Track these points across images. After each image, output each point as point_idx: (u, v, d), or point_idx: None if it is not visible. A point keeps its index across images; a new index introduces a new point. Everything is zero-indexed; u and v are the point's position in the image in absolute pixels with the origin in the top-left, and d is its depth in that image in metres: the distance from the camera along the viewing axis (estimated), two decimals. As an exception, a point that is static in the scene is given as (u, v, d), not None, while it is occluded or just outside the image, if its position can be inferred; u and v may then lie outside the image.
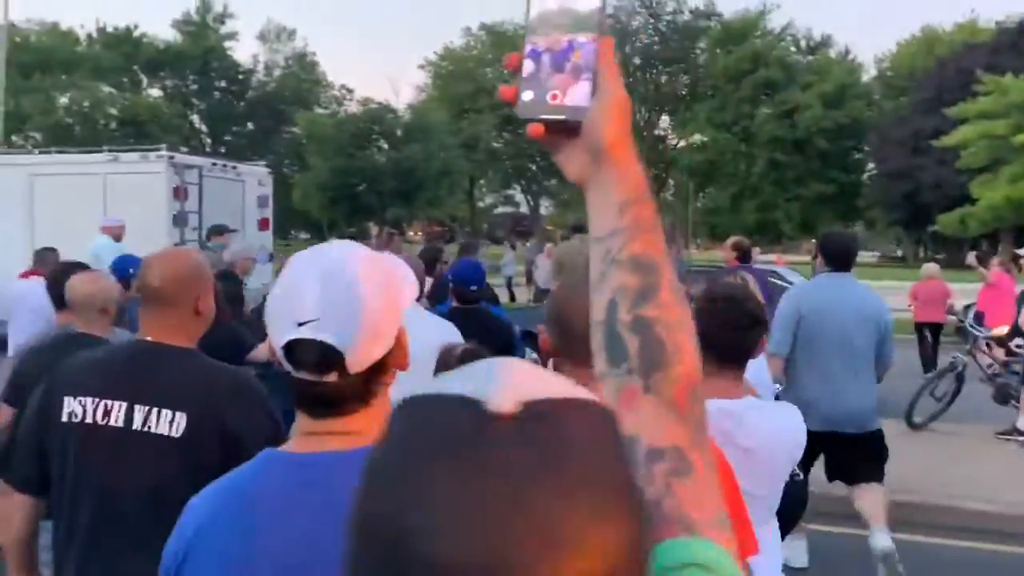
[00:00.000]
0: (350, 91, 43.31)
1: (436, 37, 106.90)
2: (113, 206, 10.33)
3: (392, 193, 31.26)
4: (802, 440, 2.07)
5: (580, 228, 10.53)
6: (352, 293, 1.12)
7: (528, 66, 0.82)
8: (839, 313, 4.38)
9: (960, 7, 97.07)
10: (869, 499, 4.45)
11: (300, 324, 1.11)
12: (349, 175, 29.24)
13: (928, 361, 10.00)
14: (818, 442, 4.08)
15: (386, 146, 30.66)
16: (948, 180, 34.41)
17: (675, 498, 0.70)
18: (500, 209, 69.40)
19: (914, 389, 7.70)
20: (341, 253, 1.18)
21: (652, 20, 52.37)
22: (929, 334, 10.28)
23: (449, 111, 51.44)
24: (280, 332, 1.13)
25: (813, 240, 22.86)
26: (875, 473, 4.52)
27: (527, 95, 0.81)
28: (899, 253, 57.45)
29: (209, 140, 46.52)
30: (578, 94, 0.80)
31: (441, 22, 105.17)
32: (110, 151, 11.48)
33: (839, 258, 4.52)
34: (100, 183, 10.81)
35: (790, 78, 47.78)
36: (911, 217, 42.21)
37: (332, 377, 1.12)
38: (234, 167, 12.41)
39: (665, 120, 55.54)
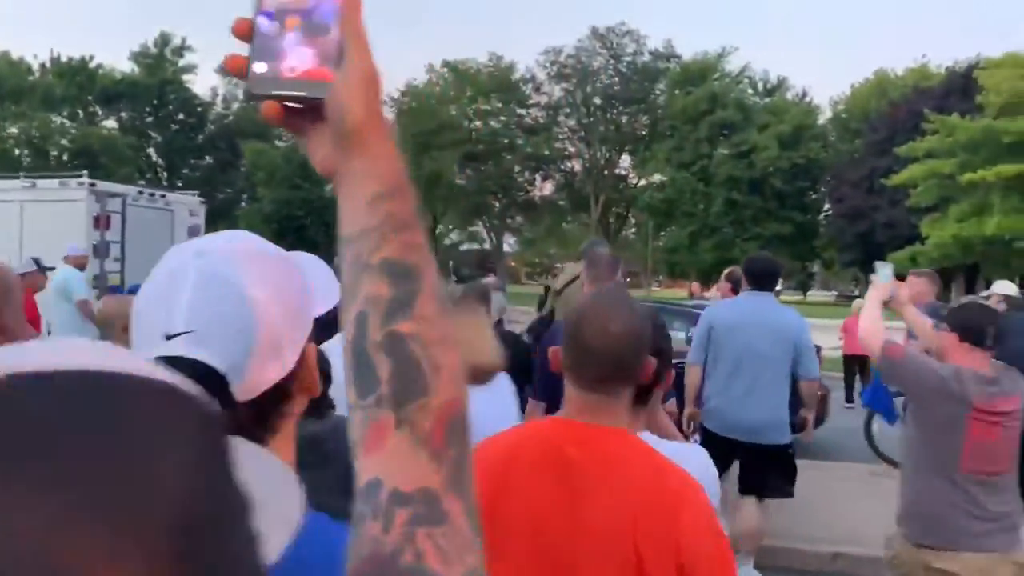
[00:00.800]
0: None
1: (399, 73, 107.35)
2: (30, 235, 9.99)
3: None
4: (712, 485, 1.80)
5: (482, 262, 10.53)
6: (238, 298, 0.84)
7: (261, 30, 0.67)
8: (749, 328, 4.63)
9: (912, 52, 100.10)
10: (747, 524, 4.67)
11: (169, 337, 0.83)
12: (294, 207, 28.49)
13: (849, 392, 10.30)
14: (728, 450, 4.53)
15: None
16: (901, 220, 34.92)
17: (417, 551, 0.57)
18: (466, 246, 69.40)
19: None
20: (227, 246, 0.90)
21: (613, 61, 53.08)
22: (857, 367, 10.43)
23: (411, 147, 51.54)
24: (144, 346, 0.84)
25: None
26: (781, 489, 4.76)
27: (259, 67, 0.67)
28: (856, 292, 58.18)
29: (166, 173, 45.99)
30: (317, 65, 0.67)
31: (404, 59, 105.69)
32: (26, 177, 11.11)
33: (758, 278, 4.80)
34: (16, 211, 10.47)
35: (747, 119, 48.56)
36: (866, 256, 42.68)
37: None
38: (163, 195, 12.08)
39: (626, 159, 56.09)
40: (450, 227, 64.48)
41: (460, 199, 53.44)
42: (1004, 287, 7.65)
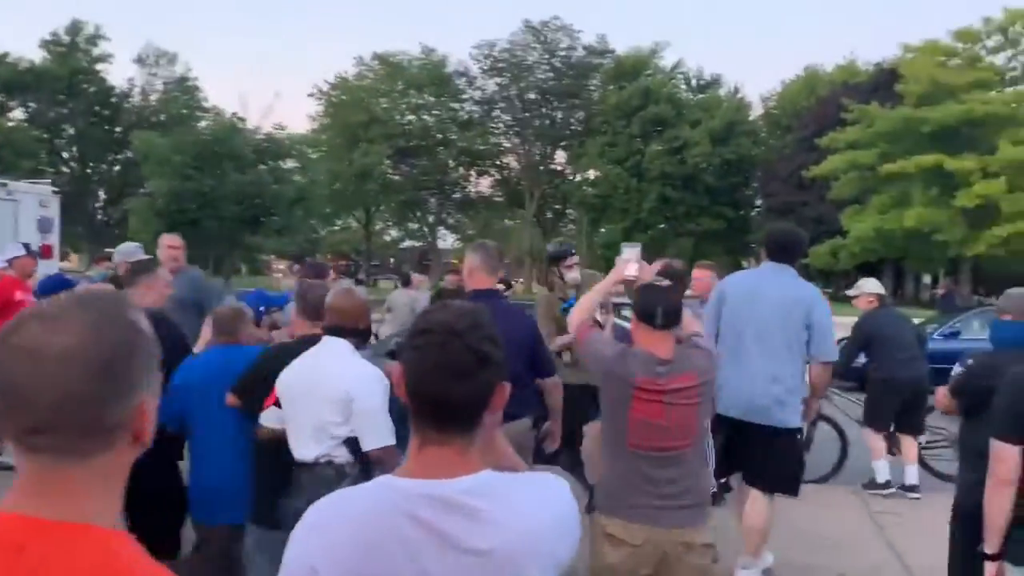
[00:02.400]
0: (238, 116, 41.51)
1: (328, 65, 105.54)
2: None
3: (235, 220, 29.06)
4: (571, 528, 1.41)
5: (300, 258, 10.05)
6: None
7: None
8: (760, 301, 4.38)
9: (841, 49, 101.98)
10: (754, 520, 4.45)
11: None
12: (186, 199, 26.97)
13: None
14: (731, 431, 4.40)
15: (234, 169, 28.51)
16: (829, 214, 34.94)
17: None
18: (408, 243, 68.33)
19: None
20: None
21: (547, 55, 52.51)
22: None
23: (342, 140, 50.33)
24: None
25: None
26: (774, 480, 4.49)
27: None
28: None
29: (76, 166, 43.98)
30: None
31: (333, 50, 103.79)
32: None
33: (775, 249, 4.55)
34: None
35: (679, 115, 48.41)
36: (795, 251, 42.96)
37: None
38: (4, 184, 11.02)
39: (562, 155, 55.61)
40: (388, 223, 63.46)
41: (394, 194, 52.43)
42: (872, 285, 7.52)
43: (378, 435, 3.02)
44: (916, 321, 16.23)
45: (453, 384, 1.32)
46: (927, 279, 36.54)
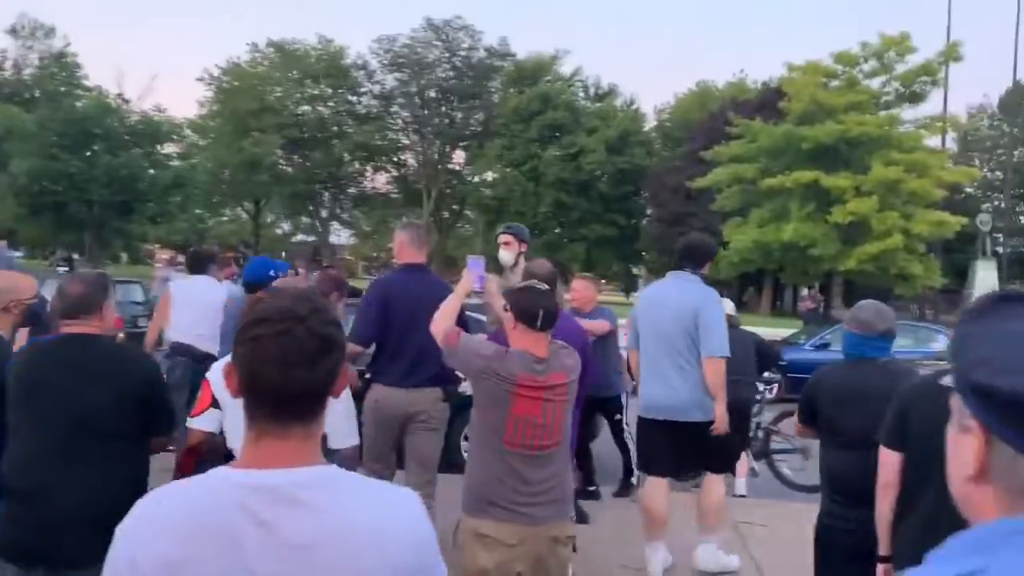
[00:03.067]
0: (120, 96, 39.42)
1: (220, 50, 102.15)
2: None
3: (105, 204, 27.39)
4: (418, 537, 1.32)
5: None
6: None
7: None
8: (656, 309, 4.75)
9: (731, 66, 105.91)
10: (707, 500, 5.04)
11: None
12: (51, 179, 25.16)
13: None
14: (662, 433, 4.79)
15: (106, 151, 26.82)
16: (715, 226, 35.81)
17: None
18: (300, 237, 66.65)
19: None
20: None
21: (448, 54, 52.21)
22: None
23: (232, 128, 48.68)
24: None
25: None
26: (718, 464, 5.08)
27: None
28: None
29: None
30: None
31: (226, 34, 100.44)
32: None
33: (679, 257, 4.89)
34: None
35: (576, 122, 48.92)
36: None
37: None
38: None
39: (461, 155, 55.38)
40: (279, 216, 61.76)
41: (285, 186, 51.04)
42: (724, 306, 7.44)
43: (347, 433, 3.12)
44: (789, 332, 16.75)
45: (296, 373, 1.27)
46: (805, 291, 38.05)
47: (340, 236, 62.97)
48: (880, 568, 3.00)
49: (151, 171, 28.83)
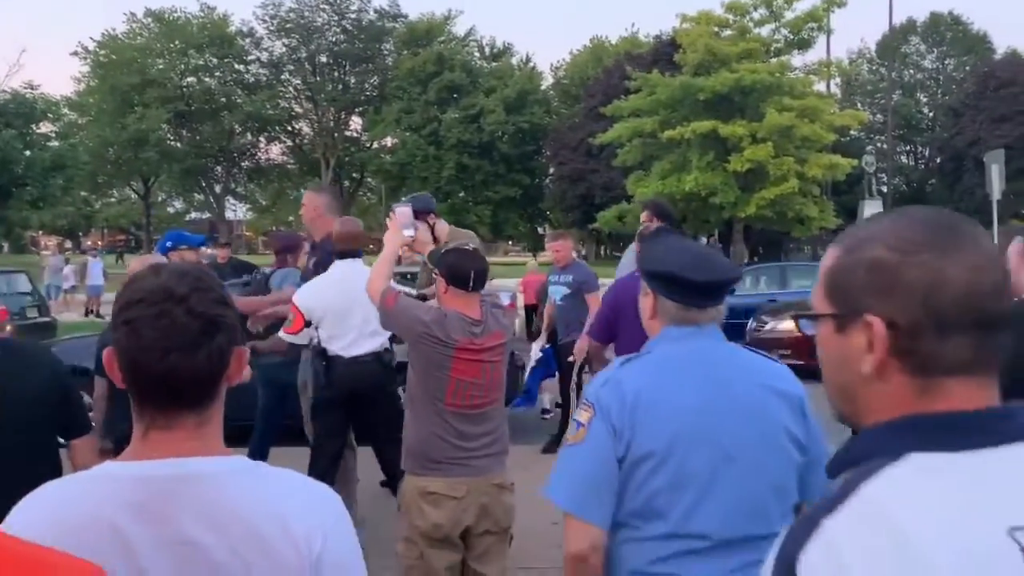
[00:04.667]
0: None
1: (95, 22, 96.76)
2: None
3: None
4: (326, 531, 1.20)
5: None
6: None
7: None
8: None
9: (623, 21, 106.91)
10: None
11: None
12: None
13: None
14: None
15: None
16: (617, 181, 36.19)
17: None
18: (194, 215, 64.22)
19: None
20: None
21: (337, 18, 50.84)
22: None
23: (112, 105, 46.31)
24: None
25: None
26: None
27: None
28: (582, 252, 60.64)
29: None
30: None
31: (102, 4, 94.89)
32: None
33: (666, 215, 5.49)
34: None
35: (474, 83, 48.48)
36: (585, 218, 44.28)
37: None
38: None
39: (358, 121, 54.23)
40: (170, 194, 59.36)
41: (175, 162, 49.02)
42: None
43: None
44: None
45: (177, 358, 1.15)
46: (705, 239, 39.02)
47: (236, 211, 61.15)
48: None
49: (27, 153, 27.04)
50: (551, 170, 50.18)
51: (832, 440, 1.58)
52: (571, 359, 6.68)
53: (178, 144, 49.85)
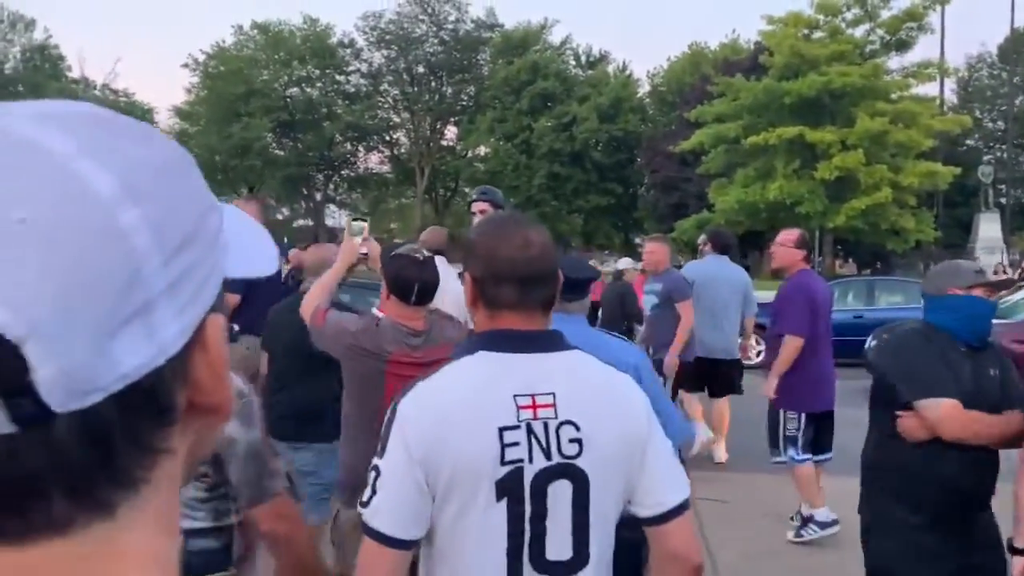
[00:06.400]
0: (93, 85, 39.17)
1: (205, 34, 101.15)
2: None
3: None
4: None
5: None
6: (69, 194, 0.40)
7: None
8: (717, 281, 6.47)
9: (724, 27, 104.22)
10: (719, 408, 6.89)
11: None
12: None
13: None
14: (700, 366, 6.53)
15: None
16: (709, 189, 35.10)
17: None
18: (301, 222, 66.40)
19: None
20: (47, 106, 0.45)
21: (435, 28, 51.46)
22: None
23: (220, 114, 48.32)
24: None
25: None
26: (732, 388, 6.89)
27: None
28: (680, 262, 59.10)
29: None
30: None
31: (210, 18, 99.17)
32: None
33: (723, 247, 6.80)
34: None
35: (568, 91, 48.08)
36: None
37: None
38: None
39: (453, 131, 54.78)
40: (276, 201, 61.52)
41: (278, 170, 50.70)
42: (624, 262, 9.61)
43: None
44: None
45: None
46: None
47: (336, 218, 62.73)
48: (1018, 561, 2.54)
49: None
50: (645, 179, 49.28)
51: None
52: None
53: (281, 152, 51.49)
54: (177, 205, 0.43)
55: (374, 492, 1.48)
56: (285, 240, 64.38)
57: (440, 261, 3.93)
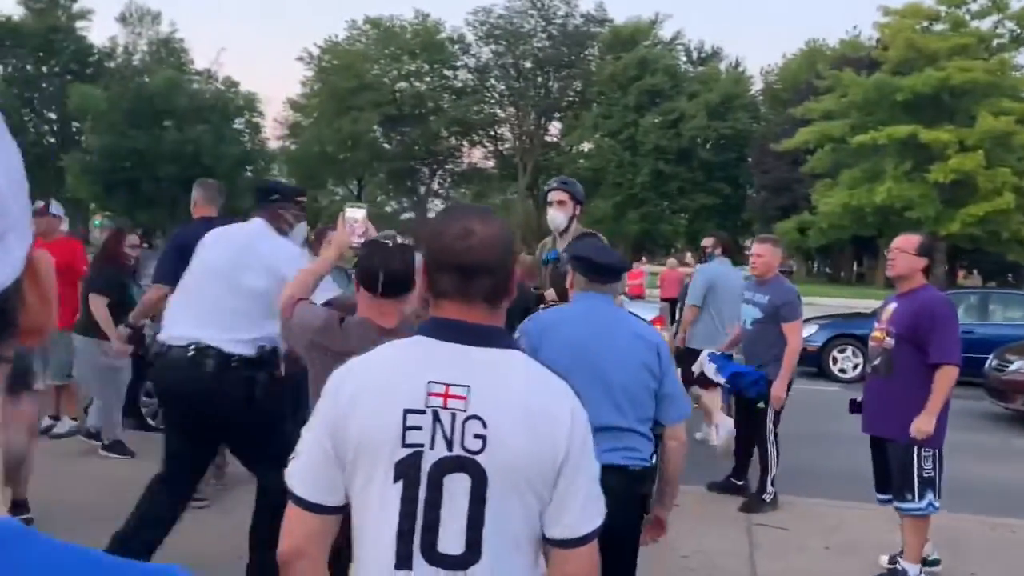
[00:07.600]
0: (212, 77, 40.71)
1: (319, 28, 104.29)
2: None
3: (173, 180, 27.77)
4: None
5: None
6: None
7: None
8: (729, 280, 6.65)
9: (845, 23, 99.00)
10: (708, 396, 6.52)
11: None
12: (122, 157, 25.60)
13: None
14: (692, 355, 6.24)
15: (175, 127, 27.11)
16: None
17: None
18: (407, 215, 67.45)
19: None
20: None
21: (544, 23, 51.10)
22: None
23: (330, 107, 49.50)
24: None
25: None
26: None
27: None
28: (792, 266, 56.68)
29: (48, 127, 43.37)
30: None
31: (324, 12, 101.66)
32: None
33: (728, 250, 7.14)
34: None
35: (676, 87, 46.78)
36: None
37: None
38: None
39: (557, 126, 54.34)
40: (381, 194, 62.66)
41: (384, 163, 51.57)
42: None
43: None
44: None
45: None
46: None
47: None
48: None
49: (220, 147, 29.18)
50: (754, 179, 47.43)
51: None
52: (760, 405, 5.31)
53: (388, 146, 52.30)
54: (10, 155, 0.49)
55: (295, 457, 1.55)
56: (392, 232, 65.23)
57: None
